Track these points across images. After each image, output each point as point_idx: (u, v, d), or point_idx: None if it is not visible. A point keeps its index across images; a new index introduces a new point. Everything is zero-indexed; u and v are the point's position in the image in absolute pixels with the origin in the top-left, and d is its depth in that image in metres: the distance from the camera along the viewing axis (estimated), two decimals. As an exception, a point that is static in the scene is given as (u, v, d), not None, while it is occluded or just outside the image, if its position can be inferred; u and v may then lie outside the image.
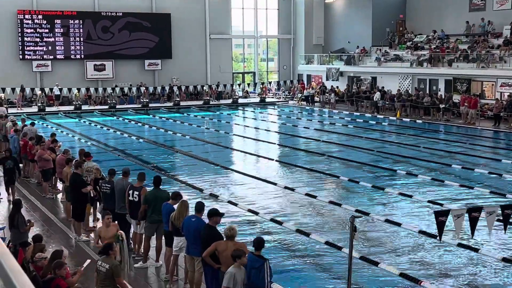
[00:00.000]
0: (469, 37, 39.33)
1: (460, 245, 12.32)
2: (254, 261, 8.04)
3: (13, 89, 39.95)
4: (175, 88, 44.95)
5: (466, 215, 8.58)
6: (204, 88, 46.34)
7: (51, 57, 42.78)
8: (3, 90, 39.78)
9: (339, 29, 49.49)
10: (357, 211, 14.45)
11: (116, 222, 11.24)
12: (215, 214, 9.19)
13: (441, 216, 8.39)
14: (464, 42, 39.06)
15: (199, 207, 9.71)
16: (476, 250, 12.17)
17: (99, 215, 13.81)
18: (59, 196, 16.83)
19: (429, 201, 15.98)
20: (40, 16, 42.08)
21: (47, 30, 42.41)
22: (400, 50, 42.77)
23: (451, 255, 12.49)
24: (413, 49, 41.58)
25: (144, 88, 43.83)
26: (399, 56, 41.93)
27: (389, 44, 44.94)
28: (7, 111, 31.93)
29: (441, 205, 15.22)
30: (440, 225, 8.40)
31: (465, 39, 39.56)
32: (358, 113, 38.49)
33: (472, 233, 8.72)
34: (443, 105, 34.26)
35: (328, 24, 50.73)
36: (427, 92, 37.66)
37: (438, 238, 9.19)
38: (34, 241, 9.70)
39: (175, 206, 10.16)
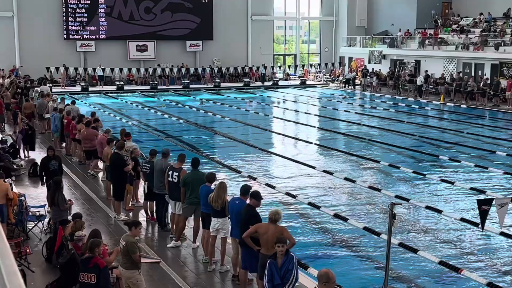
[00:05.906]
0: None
1: (502, 234, 12.02)
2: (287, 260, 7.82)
3: (57, 69, 40.69)
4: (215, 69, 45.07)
5: (511, 204, 8.33)
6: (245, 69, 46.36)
7: (95, 37, 43.29)
8: (48, 69, 40.54)
9: (383, 11, 48.61)
10: (397, 197, 14.24)
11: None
12: (256, 197, 9.12)
13: (484, 205, 8.16)
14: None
15: (244, 190, 9.58)
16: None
17: (140, 196, 13.92)
18: (100, 175, 17.00)
19: (471, 188, 15.63)
20: (84, -3, 42.60)
21: (91, 11, 42.87)
22: (445, 33, 41.73)
23: (493, 244, 12.20)
24: (459, 32, 40.52)
25: (185, 69, 44.00)
26: (444, 39, 40.92)
27: (434, 27, 43.91)
28: (51, 90, 32.52)
29: (484, 192, 14.87)
30: (483, 214, 8.17)
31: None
32: (400, 97, 37.88)
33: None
34: (489, 90, 33.45)
35: (371, 6, 49.86)
36: (472, 76, 36.75)
37: (480, 226, 8.96)
38: (74, 219, 9.85)
39: (213, 187, 10.14)
